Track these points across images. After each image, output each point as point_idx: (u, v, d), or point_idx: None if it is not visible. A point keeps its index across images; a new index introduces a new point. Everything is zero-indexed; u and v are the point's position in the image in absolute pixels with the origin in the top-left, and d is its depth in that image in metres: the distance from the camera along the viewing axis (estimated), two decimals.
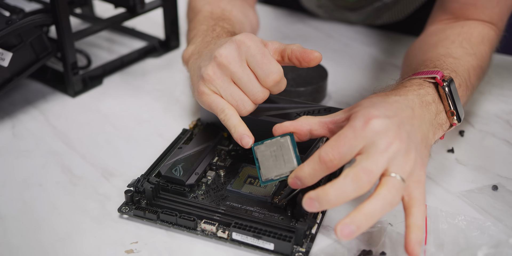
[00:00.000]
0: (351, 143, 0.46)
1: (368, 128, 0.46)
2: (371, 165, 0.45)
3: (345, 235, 0.44)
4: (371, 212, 0.44)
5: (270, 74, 0.53)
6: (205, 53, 0.59)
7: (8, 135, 0.68)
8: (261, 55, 0.53)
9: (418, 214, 0.46)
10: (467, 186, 0.59)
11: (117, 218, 0.55)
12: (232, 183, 0.57)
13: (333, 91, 0.77)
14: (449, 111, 0.55)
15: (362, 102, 0.50)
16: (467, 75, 0.60)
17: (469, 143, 0.66)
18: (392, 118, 0.47)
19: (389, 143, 0.46)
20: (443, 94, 0.55)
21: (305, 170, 0.47)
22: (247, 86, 0.54)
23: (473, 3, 0.69)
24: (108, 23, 0.79)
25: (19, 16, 0.74)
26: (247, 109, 0.55)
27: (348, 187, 0.44)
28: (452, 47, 0.64)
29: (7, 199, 0.57)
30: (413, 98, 0.52)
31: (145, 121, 0.71)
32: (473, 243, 0.49)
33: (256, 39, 0.55)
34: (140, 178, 0.56)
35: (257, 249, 0.51)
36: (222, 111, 0.55)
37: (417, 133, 0.49)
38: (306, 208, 0.46)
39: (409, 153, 0.47)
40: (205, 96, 0.55)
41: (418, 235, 0.45)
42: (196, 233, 0.53)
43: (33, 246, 0.52)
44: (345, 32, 0.94)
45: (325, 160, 0.46)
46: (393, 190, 0.45)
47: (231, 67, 0.54)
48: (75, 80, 0.75)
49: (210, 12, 0.71)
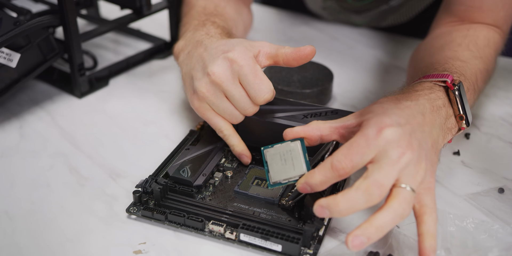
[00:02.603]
0: (364, 152, 0.46)
1: (381, 137, 0.46)
2: (383, 179, 0.45)
3: (355, 246, 0.44)
4: (382, 224, 0.45)
5: (261, 94, 0.56)
6: (197, 60, 0.59)
7: (16, 136, 0.68)
8: (253, 76, 0.55)
9: (430, 221, 0.47)
10: (473, 189, 0.59)
11: (125, 219, 0.55)
12: (239, 185, 0.57)
13: (339, 93, 0.77)
14: (458, 115, 0.55)
15: (373, 107, 0.50)
16: (474, 78, 0.61)
17: (475, 146, 0.66)
18: (404, 126, 0.48)
19: (401, 153, 0.46)
20: (453, 98, 0.55)
21: (316, 177, 0.48)
22: (239, 103, 0.57)
23: (479, 6, 0.69)
24: (114, 24, 0.79)
25: (26, 17, 0.74)
26: (238, 120, 0.59)
27: (359, 200, 0.45)
28: (459, 50, 0.64)
29: (15, 200, 0.58)
30: (424, 103, 0.52)
31: (151, 123, 0.71)
32: (481, 246, 0.49)
33: (248, 57, 0.56)
34: (148, 179, 0.56)
35: (265, 251, 0.51)
36: (221, 131, 0.60)
37: (427, 139, 0.49)
38: (317, 214, 0.46)
39: (420, 162, 0.47)
40: (201, 111, 0.59)
41: (432, 243, 0.46)
42: (204, 234, 0.53)
43: (41, 246, 0.52)
44: (350, 34, 0.95)
45: (338, 168, 0.46)
46: (404, 203, 0.45)
47: (223, 85, 0.56)
48: (81, 81, 0.75)
49: (203, 7, 0.72)
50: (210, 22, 0.67)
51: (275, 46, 0.57)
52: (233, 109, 0.58)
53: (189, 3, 0.75)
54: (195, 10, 0.72)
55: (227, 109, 0.58)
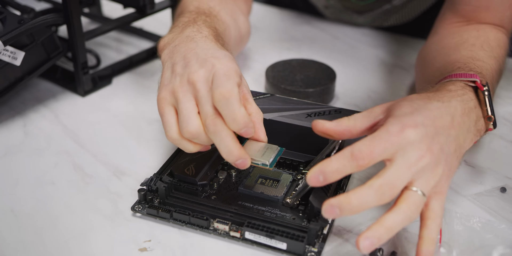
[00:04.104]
0: (385, 147, 0.46)
1: (402, 136, 0.46)
2: (397, 180, 0.45)
3: (366, 247, 0.45)
4: (391, 226, 0.45)
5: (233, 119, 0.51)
6: (183, 55, 0.56)
7: (20, 134, 0.68)
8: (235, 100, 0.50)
9: (433, 227, 0.47)
10: (476, 188, 0.60)
11: (129, 217, 0.56)
12: (243, 183, 0.57)
13: (341, 92, 0.78)
14: (487, 116, 0.54)
15: (402, 104, 0.50)
16: (491, 78, 0.60)
17: (477, 145, 0.67)
18: (429, 128, 0.47)
19: (420, 156, 0.46)
20: (482, 99, 0.54)
21: (333, 164, 0.46)
22: (203, 106, 0.52)
23: (486, 6, 0.69)
24: (118, 23, 0.79)
25: (30, 16, 0.75)
26: (188, 128, 0.52)
27: (371, 198, 0.45)
28: (475, 50, 0.64)
29: (20, 197, 0.58)
30: (456, 105, 0.51)
31: (155, 121, 0.71)
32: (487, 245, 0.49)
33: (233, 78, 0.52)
34: (153, 177, 0.56)
35: (270, 249, 0.51)
36: (166, 131, 0.54)
37: (451, 144, 0.49)
38: (325, 215, 0.46)
39: (437, 166, 0.47)
40: (161, 103, 0.55)
41: (429, 248, 0.46)
42: (209, 232, 0.53)
43: (47, 244, 0.52)
44: (352, 34, 0.95)
45: (358, 157, 0.46)
46: (413, 207, 0.46)
47: (197, 86, 0.52)
48: (85, 79, 0.75)
49: (196, 7, 0.70)
50: (202, 20, 0.65)
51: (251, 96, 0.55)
52: (193, 114, 0.52)
53: (182, 4, 0.74)
54: (187, 10, 0.70)
55: (186, 110, 0.52)
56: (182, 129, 0.52)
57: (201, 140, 0.52)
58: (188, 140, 0.53)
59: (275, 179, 0.58)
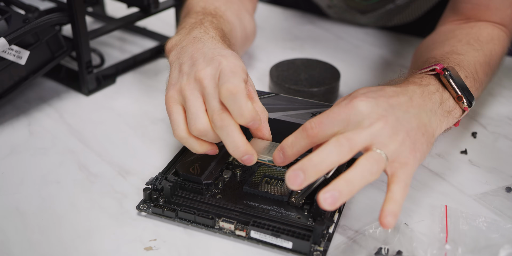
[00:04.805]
0: (334, 118, 0.48)
1: (351, 106, 0.48)
2: (353, 135, 0.47)
3: (329, 203, 0.44)
4: (351, 179, 0.45)
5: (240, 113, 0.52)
6: (190, 55, 0.56)
7: (25, 133, 0.68)
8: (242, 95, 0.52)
9: (396, 189, 0.47)
10: (481, 188, 0.60)
11: (135, 216, 0.56)
12: (248, 182, 0.57)
13: (346, 92, 0.78)
14: (456, 96, 0.55)
15: (361, 89, 0.52)
16: (473, 69, 0.61)
17: (482, 145, 0.67)
18: (380, 101, 0.49)
19: (371, 122, 0.47)
20: (446, 82, 0.55)
21: (289, 139, 0.49)
22: (210, 103, 0.53)
23: (486, 4, 0.69)
24: (122, 22, 0.79)
25: (34, 15, 0.75)
26: (197, 126, 0.53)
27: (331, 152, 0.46)
28: (458, 45, 0.64)
29: (26, 196, 0.58)
30: (414, 88, 0.53)
31: (159, 120, 0.71)
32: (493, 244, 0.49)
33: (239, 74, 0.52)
34: (158, 176, 0.56)
35: (275, 248, 0.51)
36: (174, 129, 0.55)
37: (411, 119, 0.50)
38: (290, 184, 0.46)
39: (396, 134, 0.48)
40: (169, 101, 0.56)
41: (392, 207, 0.46)
42: (214, 231, 0.53)
43: (52, 243, 0.52)
44: (355, 34, 0.95)
45: (307, 127, 0.48)
46: (372, 160, 0.46)
47: (204, 84, 0.53)
48: (89, 78, 0.75)
49: (203, 7, 0.71)
50: (208, 21, 0.65)
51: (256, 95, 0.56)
52: (200, 112, 0.52)
53: (188, 5, 0.74)
54: (193, 10, 0.71)
55: (194, 107, 0.52)
56: (190, 127, 0.53)
57: (209, 138, 0.53)
58: (196, 139, 0.54)
59: (280, 178, 0.58)
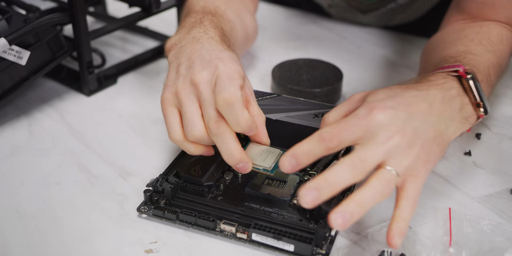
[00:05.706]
0: (353, 129, 0.46)
1: (369, 118, 0.47)
2: (366, 155, 0.46)
3: (339, 224, 0.44)
4: (361, 200, 0.45)
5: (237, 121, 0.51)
6: (188, 56, 0.56)
7: (25, 134, 0.68)
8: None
9: (404, 206, 0.46)
10: (486, 189, 0.59)
11: (135, 218, 0.55)
12: (250, 184, 0.57)
13: (348, 92, 0.77)
14: (475, 103, 0.54)
15: (379, 91, 0.50)
16: (487, 72, 0.60)
17: (486, 146, 0.66)
18: (399, 111, 0.48)
19: (389, 136, 0.46)
20: (467, 87, 0.54)
21: (304, 146, 0.47)
22: (207, 108, 0.53)
23: (491, 3, 0.68)
24: (123, 22, 0.79)
25: (35, 15, 0.74)
26: (193, 131, 0.53)
27: (345, 173, 0.45)
28: (471, 45, 0.64)
29: (26, 198, 0.58)
30: (435, 93, 0.52)
31: (160, 121, 0.71)
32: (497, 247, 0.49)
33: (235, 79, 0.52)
34: (159, 178, 0.56)
35: (277, 250, 0.51)
36: (170, 132, 0.56)
37: (428, 129, 0.49)
38: (304, 202, 0.45)
39: (411, 148, 0.47)
40: (165, 103, 0.56)
41: (399, 226, 0.46)
42: (215, 234, 0.53)
43: (52, 245, 0.52)
44: (358, 34, 0.94)
45: (325, 138, 0.46)
46: (383, 181, 0.46)
47: (200, 88, 0.53)
48: (90, 79, 0.75)
49: (203, 7, 0.70)
50: (208, 20, 0.65)
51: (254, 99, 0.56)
52: (196, 118, 0.52)
53: (189, 4, 0.74)
54: (194, 10, 0.70)
55: (190, 113, 0.53)
56: (186, 133, 0.53)
57: (205, 142, 0.53)
58: (191, 142, 0.54)
59: (282, 180, 0.57)
